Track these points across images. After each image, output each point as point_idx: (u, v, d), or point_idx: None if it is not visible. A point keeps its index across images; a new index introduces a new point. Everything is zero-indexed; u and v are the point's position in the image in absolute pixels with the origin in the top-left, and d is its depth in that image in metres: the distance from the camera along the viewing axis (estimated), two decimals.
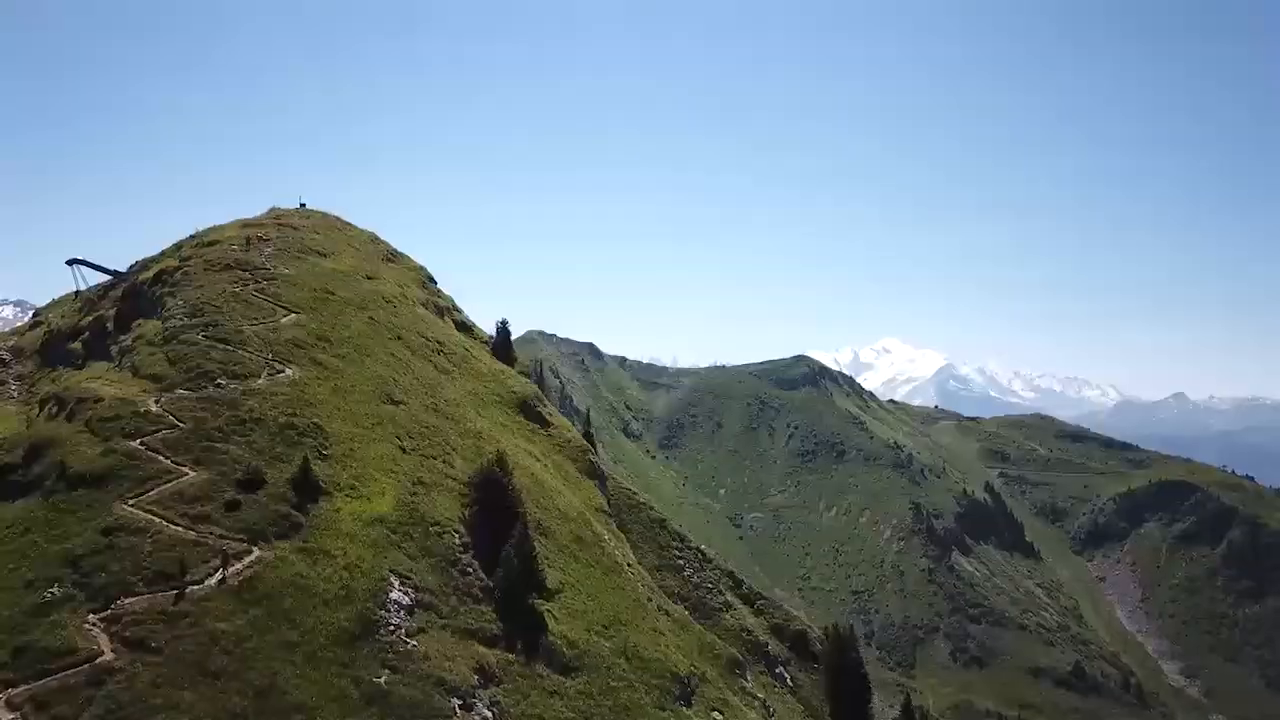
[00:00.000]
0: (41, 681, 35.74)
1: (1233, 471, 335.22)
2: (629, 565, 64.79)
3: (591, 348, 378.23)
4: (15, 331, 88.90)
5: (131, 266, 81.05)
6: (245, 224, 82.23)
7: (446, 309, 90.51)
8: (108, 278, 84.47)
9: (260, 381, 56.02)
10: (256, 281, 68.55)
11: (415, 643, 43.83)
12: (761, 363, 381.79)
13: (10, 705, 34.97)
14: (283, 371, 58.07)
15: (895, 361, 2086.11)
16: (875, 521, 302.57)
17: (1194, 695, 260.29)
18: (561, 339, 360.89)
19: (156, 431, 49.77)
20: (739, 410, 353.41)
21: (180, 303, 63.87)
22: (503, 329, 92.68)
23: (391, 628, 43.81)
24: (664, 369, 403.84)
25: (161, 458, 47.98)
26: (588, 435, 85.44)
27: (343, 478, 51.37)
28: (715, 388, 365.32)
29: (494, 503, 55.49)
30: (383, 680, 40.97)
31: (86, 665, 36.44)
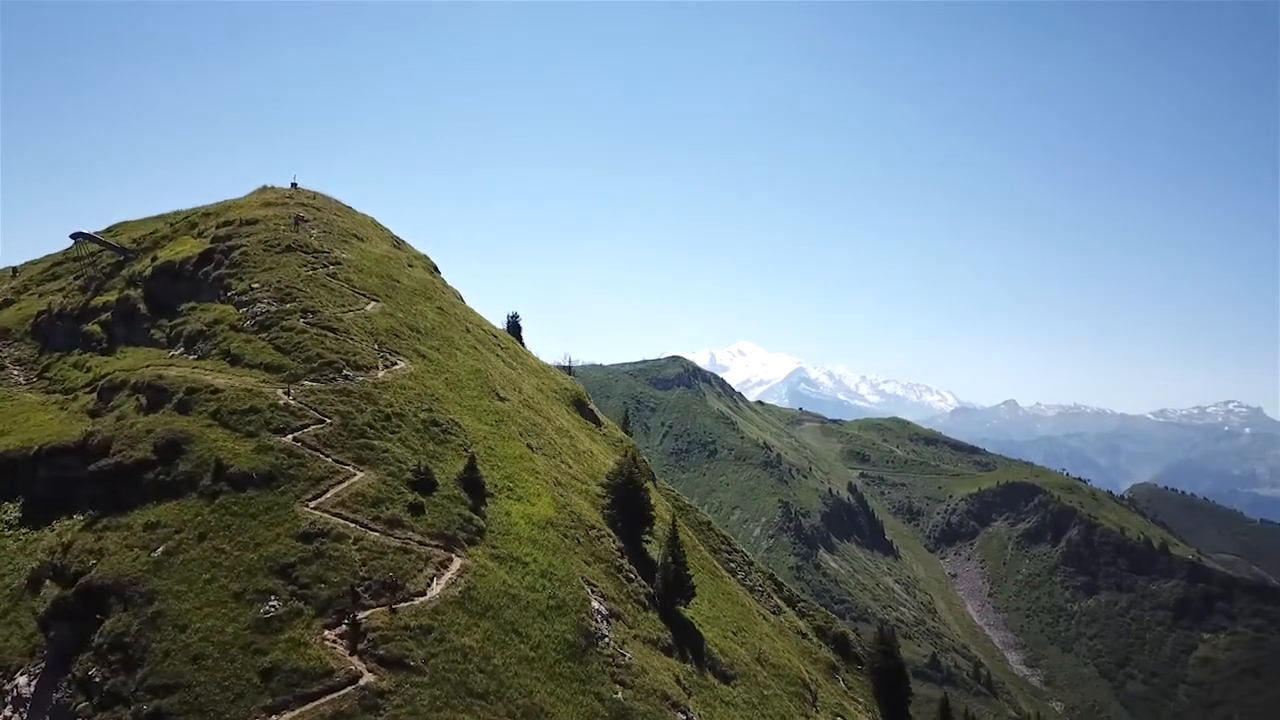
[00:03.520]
0: (310, 706, 31.91)
1: (1067, 474, 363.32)
2: (722, 569, 63.94)
3: None
4: None
5: (139, 244, 73.00)
6: (266, 202, 75.64)
7: (458, 299, 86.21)
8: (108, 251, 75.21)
9: (381, 374, 51.84)
10: (323, 265, 63.11)
11: (631, 655, 41.88)
12: (637, 362, 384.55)
13: None
14: (396, 364, 53.98)
15: (750, 364, 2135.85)
16: (746, 520, 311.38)
17: (1035, 683, 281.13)
18: None
19: (304, 426, 45.20)
20: (616, 409, 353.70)
21: (257, 286, 58.06)
22: (514, 323, 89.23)
23: (606, 640, 41.68)
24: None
25: (323, 456, 43.71)
26: (628, 434, 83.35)
27: (496, 478, 48.31)
28: (593, 386, 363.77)
29: (629, 505, 53.71)
30: (620, 695, 38.96)
31: (351, 688, 32.81)
